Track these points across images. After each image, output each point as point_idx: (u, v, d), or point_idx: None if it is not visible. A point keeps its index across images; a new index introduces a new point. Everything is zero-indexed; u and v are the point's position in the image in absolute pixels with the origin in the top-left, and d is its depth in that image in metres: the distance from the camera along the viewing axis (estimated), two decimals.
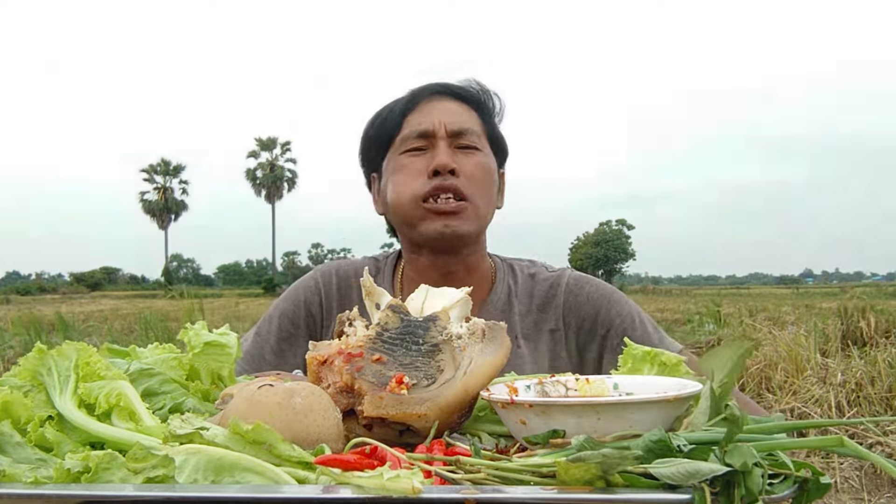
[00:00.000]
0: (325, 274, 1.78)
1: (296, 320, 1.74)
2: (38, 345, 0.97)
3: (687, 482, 0.70)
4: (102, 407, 0.91)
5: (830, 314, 10.01)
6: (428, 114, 1.66)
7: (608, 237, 74.74)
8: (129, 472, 0.77)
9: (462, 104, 1.71)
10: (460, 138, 1.65)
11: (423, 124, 1.65)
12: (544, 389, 1.05)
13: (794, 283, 72.75)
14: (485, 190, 1.65)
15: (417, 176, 1.63)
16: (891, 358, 6.11)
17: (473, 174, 1.63)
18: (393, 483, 0.69)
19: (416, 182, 1.62)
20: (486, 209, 1.67)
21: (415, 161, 1.64)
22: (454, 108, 1.69)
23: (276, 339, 1.71)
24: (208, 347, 1.12)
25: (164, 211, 79.34)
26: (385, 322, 1.08)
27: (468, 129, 1.66)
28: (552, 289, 1.72)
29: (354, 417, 1.01)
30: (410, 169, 1.64)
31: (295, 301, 1.75)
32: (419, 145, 1.64)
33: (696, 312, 16.07)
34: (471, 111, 1.71)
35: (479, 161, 1.66)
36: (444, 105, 1.69)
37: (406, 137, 1.66)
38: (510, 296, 1.73)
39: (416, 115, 1.67)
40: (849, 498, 4.48)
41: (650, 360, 1.13)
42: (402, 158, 1.66)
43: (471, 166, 1.64)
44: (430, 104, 1.68)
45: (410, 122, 1.67)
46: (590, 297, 1.69)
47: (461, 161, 1.63)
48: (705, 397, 0.87)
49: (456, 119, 1.66)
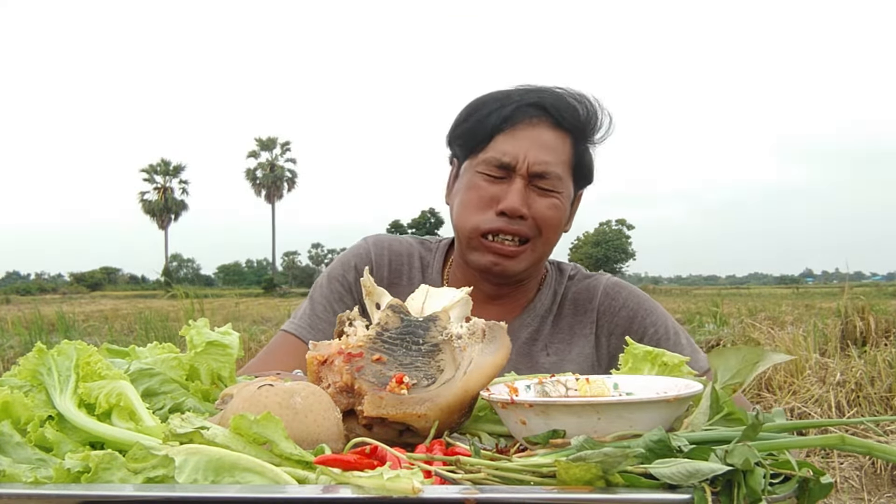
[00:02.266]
0: (378, 245, 1.79)
1: (345, 283, 1.75)
2: (38, 344, 0.97)
3: (687, 482, 0.70)
4: (102, 407, 0.91)
5: (830, 314, 10.01)
6: (517, 143, 1.60)
7: (608, 237, 74.75)
8: (129, 472, 0.78)
9: (558, 132, 1.63)
10: (540, 181, 1.60)
11: (507, 156, 1.59)
12: (544, 389, 1.05)
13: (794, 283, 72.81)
14: (550, 233, 1.63)
15: (485, 206, 1.60)
16: (891, 358, 6.11)
17: (543, 218, 1.60)
18: (393, 483, 0.69)
19: (482, 214, 1.60)
20: (547, 249, 1.66)
21: (488, 188, 1.61)
22: (547, 139, 1.61)
23: (328, 301, 1.74)
24: (210, 346, 1.12)
25: (164, 211, 79.36)
26: (385, 322, 1.08)
27: (551, 173, 1.60)
28: (589, 292, 1.73)
29: (354, 417, 1.01)
30: (481, 195, 1.61)
31: (345, 265, 1.78)
32: (498, 174, 1.60)
33: (696, 312, 16.07)
34: (566, 141, 1.63)
35: (553, 204, 1.61)
36: (538, 135, 1.61)
37: (488, 161, 1.61)
38: (553, 302, 1.74)
39: (505, 139, 1.60)
40: (849, 498, 4.48)
41: (651, 360, 1.13)
42: (478, 178, 1.62)
43: (542, 210, 1.60)
44: (524, 130, 1.61)
45: (498, 144, 1.61)
46: (626, 304, 1.70)
47: (534, 203, 1.59)
48: (706, 397, 0.87)
49: (543, 157, 1.59)
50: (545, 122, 1.62)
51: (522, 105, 1.62)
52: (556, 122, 1.62)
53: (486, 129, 1.62)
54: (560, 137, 1.62)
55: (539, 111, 1.62)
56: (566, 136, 1.63)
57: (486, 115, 1.63)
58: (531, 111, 1.62)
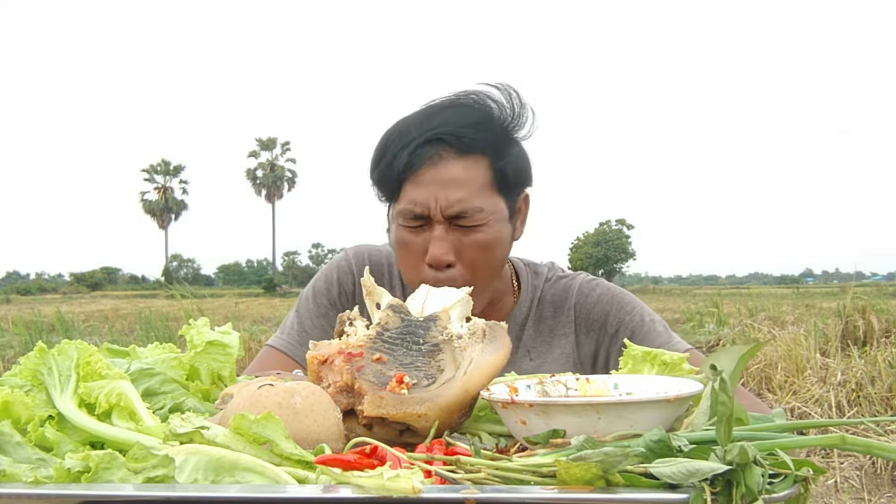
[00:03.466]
0: (358, 256, 1.78)
1: (331, 297, 1.75)
2: (39, 344, 0.97)
3: (687, 481, 0.70)
4: (103, 406, 0.91)
5: (830, 314, 10.01)
6: (424, 188, 1.50)
7: (608, 237, 74.74)
8: (129, 471, 0.78)
9: (467, 159, 1.52)
10: (460, 220, 1.51)
11: (418, 206, 1.51)
12: (544, 389, 1.05)
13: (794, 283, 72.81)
14: (488, 267, 1.57)
15: (416, 261, 1.55)
16: (891, 358, 6.11)
17: (474, 259, 1.54)
18: (393, 483, 0.69)
19: (415, 271, 1.55)
20: (489, 279, 1.60)
21: (413, 240, 1.55)
22: (455, 174, 1.51)
23: (314, 316, 1.74)
24: (210, 346, 1.12)
25: (164, 211, 79.41)
26: (385, 322, 1.08)
27: (468, 210, 1.50)
28: (565, 292, 1.72)
29: (354, 417, 1.01)
30: (409, 250, 1.56)
31: (329, 279, 1.77)
32: (415, 225, 1.54)
33: (696, 312, 16.08)
34: (478, 164, 1.53)
35: (479, 241, 1.53)
36: (443, 173, 1.50)
37: (403, 214, 1.54)
38: (531, 305, 1.72)
39: (412, 187, 1.52)
40: (849, 498, 4.48)
41: (650, 360, 1.13)
42: (402, 232, 1.56)
43: (471, 250, 1.53)
44: (427, 173, 1.51)
45: (407, 193, 1.52)
46: (600, 300, 1.68)
47: (461, 243, 1.52)
48: (706, 397, 0.87)
49: (454, 196, 1.49)
50: (448, 156, 1.51)
51: (420, 144, 1.51)
52: (459, 151, 1.51)
53: (393, 179, 1.53)
54: (470, 164, 1.52)
55: (438, 146, 1.51)
56: (477, 158, 1.53)
57: (391, 162, 1.53)
58: (430, 150, 1.51)
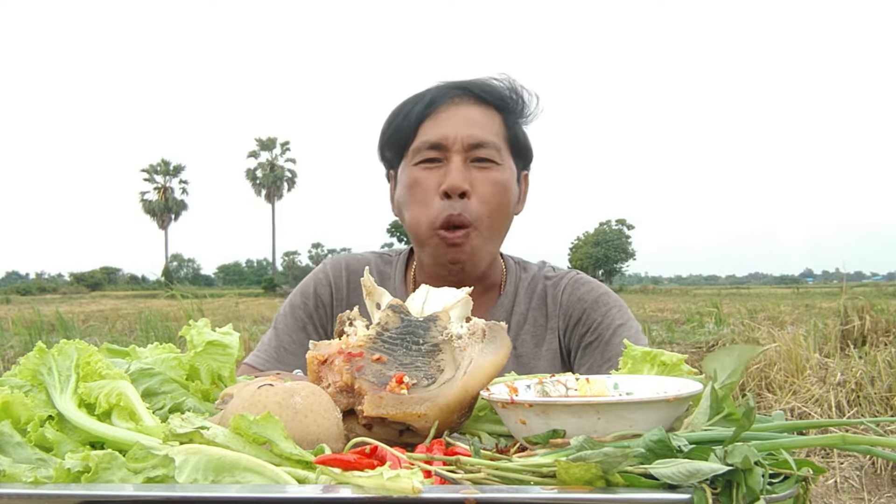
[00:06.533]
0: (336, 267, 1.78)
1: (308, 311, 1.75)
2: (38, 344, 0.97)
3: (687, 482, 0.70)
4: (102, 407, 0.91)
5: (830, 314, 10.01)
6: (444, 122, 1.57)
7: (608, 237, 74.77)
8: (129, 471, 0.77)
9: (485, 108, 1.61)
10: (477, 151, 1.56)
11: (438, 135, 1.56)
12: (544, 389, 1.05)
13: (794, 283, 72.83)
14: (499, 211, 1.60)
15: (430, 197, 1.57)
16: (891, 358, 6.11)
17: (487, 194, 1.57)
18: (393, 483, 0.69)
19: (430, 206, 1.56)
20: (498, 232, 1.63)
21: (428, 177, 1.57)
22: (475, 114, 1.59)
23: (292, 331, 1.73)
24: (210, 346, 1.12)
25: (164, 211, 79.38)
26: (385, 322, 1.08)
27: (486, 142, 1.57)
28: (554, 289, 1.72)
29: (354, 417, 1.01)
30: (423, 187, 1.58)
31: (305, 294, 1.77)
32: (432, 156, 1.57)
33: (696, 312, 16.07)
34: (494, 116, 1.61)
35: (496, 178, 1.58)
36: (464, 112, 1.59)
37: (419, 148, 1.58)
38: (516, 299, 1.72)
39: (431, 123, 1.58)
40: (849, 498, 4.48)
41: (650, 361, 1.13)
42: (416, 171, 1.59)
43: (486, 185, 1.57)
44: (448, 110, 1.59)
45: (425, 129, 1.58)
46: (581, 298, 1.69)
47: (475, 179, 1.56)
48: (706, 397, 0.87)
49: (474, 130, 1.57)
50: (469, 99, 1.61)
51: (440, 91, 1.61)
52: (479, 98, 1.61)
53: (410, 122, 1.60)
54: (488, 113, 1.61)
55: (460, 90, 1.61)
56: (493, 111, 1.62)
57: (408, 111, 1.61)
58: (452, 92, 1.61)
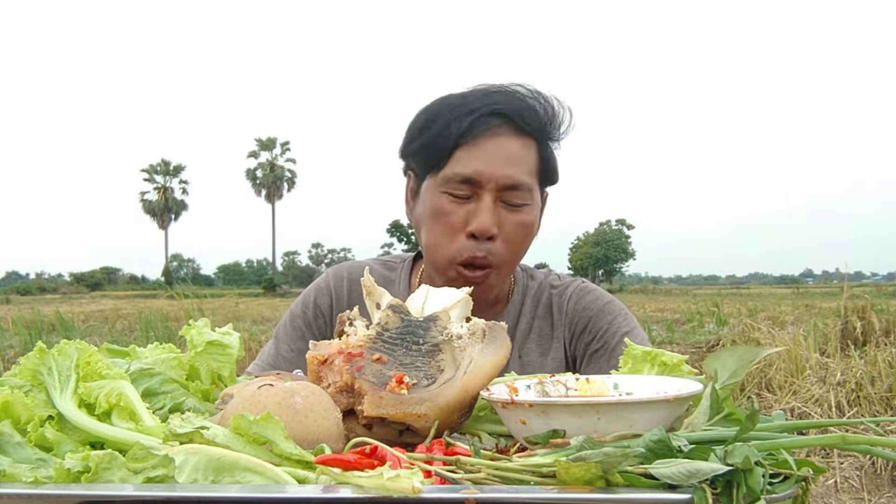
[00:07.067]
0: (337, 276, 1.76)
1: (308, 321, 1.74)
2: (39, 344, 0.97)
3: (687, 482, 0.70)
4: (103, 407, 0.91)
5: (830, 314, 10.01)
6: (480, 156, 1.50)
7: (608, 237, 74.78)
8: (129, 471, 0.77)
9: (523, 140, 1.54)
10: (509, 193, 1.52)
11: (472, 170, 1.49)
12: (544, 389, 1.05)
13: (794, 283, 72.85)
14: (521, 249, 1.59)
15: (455, 232, 1.52)
16: (891, 358, 6.11)
17: (513, 235, 1.54)
18: (393, 483, 0.69)
19: (454, 242, 1.53)
20: (515, 266, 1.62)
21: (455, 210, 1.52)
22: (513, 149, 1.52)
23: (291, 340, 1.72)
24: (210, 346, 1.12)
25: (164, 211, 79.39)
26: (385, 322, 1.08)
27: (520, 184, 1.51)
28: (560, 297, 1.72)
29: (354, 417, 1.01)
30: (449, 220, 1.52)
31: (306, 304, 1.76)
32: (463, 192, 1.52)
33: (696, 312, 16.08)
34: (531, 147, 1.55)
35: (524, 220, 1.55)
36: (502, 146, 1.51)
37: (450, 178, 1.52)
38: (522, 308, 1.72)
39: (466, 154, 1.50)
40: (849, 498, 4.48)
41: (650, 361, 1.13)
42: (443, 200, 1.53)
43: (513, 227, 1.53)
44: (486, 143, 1.50)
45: (460, 159, 1.51)
46: (587, 307, 1.68)
47: (503, 219, 1.52)
48: (706, 397, 0.87)
49: (510, 170, 1.51)
50: (508, 130, 1.52)
51: (483, 115, 1.51)
52: (519, 128, 1.53)
53: (445, 144, 1.51)
54: (525, 144, 1.54)
55: (500, 119, 1.52)
56: (531, 141, 1.55)
57: (443, 128, 1.52)
58: (492, 121, 1.51)
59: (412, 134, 1.59)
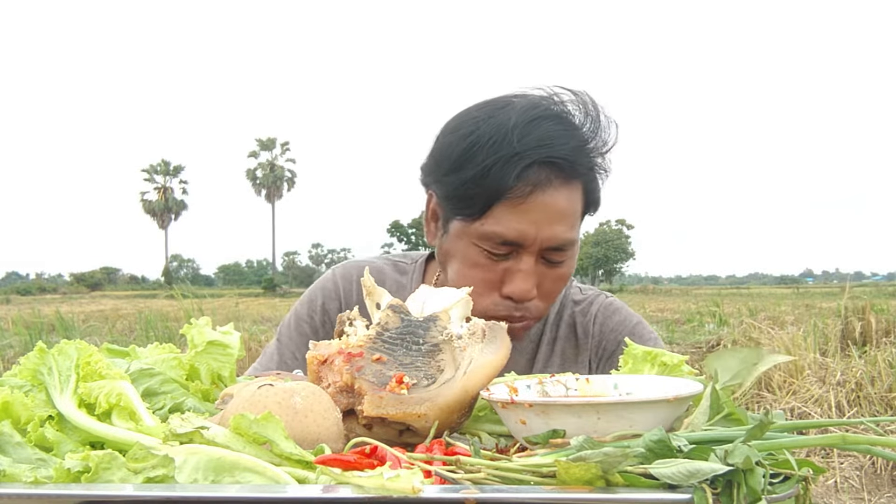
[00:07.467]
0: (346, 278, 1.66)
1: (314, 326, 1.65)
2: (39, 344, 0.97)
3: (687, 482, 0.70)
4: (103, 407, 0.91)
5: (830, 314, 10.02)
6: (524, 216, 1.33)
7: (608, 237, 74.78)
8: (129, 471, 0.77)
9: (571, 188, 1.37)
10: (552, 253, 1.38)
11: (515, 232, 1.33)
12: (544, 389, 1.05)
13: (794, 283, 72.87)
14: (558, 298, 1.51)
15: (489, 289, 1.39)
16: (891, 358, 6.11)
17: (551, 289, 1.43)
18: (393, 483, 0.69)
19: (486, 298, 1.39)
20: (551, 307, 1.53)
21: (491, 267, 1.38)
22: (561, 203, 1.35)
23: (296, 345, 1.64)
24: (210, 346, 1.12)
25: (164, 211, 79.44)
26: (385, 322, 1.08)
27: (565, 243, 1.37)
28: (584, 316, 1.64)
29: (354, 417, 1.01)
30: (484, 276, 1.38)
31: (311, 304, 1.66)
32: (502, 252, 1.37)
33: (696, 312, 16.09)
34: (578, 193, 1.39)
35: (564, 274, 1.43)
36: (550, 201, 1.34)
37: (488, 237, 1.35)
38: (544, 328, 1.64)
39: (509, 211, 1.33)
40: (849, 498, 4.49)
41: (651, 361, 1.13)
42: (476, 254, 1.38)
43: (552, 282, 1.42)
44: (533, 200, 1.33)
45: (501, 216, 1.33)
46: (615, 329, 1.62)
47: (543, 276, 1.40)
48: (706, 397, 0.87)
49: (556, 230, 1.35)
50: (556, 182, 1.35)
51: (530, 165, 1.32)
52: (567, 177, 1.36)
53: (484, 195, 1.33)
54: (573, 192, 1.38)
55: (548, 170, 1.33)
56: (578, 185, 1.39)
57: (481, 175, 1.33)
58: (540, 174, 1.33)
59: (440, 160, 1.41)
